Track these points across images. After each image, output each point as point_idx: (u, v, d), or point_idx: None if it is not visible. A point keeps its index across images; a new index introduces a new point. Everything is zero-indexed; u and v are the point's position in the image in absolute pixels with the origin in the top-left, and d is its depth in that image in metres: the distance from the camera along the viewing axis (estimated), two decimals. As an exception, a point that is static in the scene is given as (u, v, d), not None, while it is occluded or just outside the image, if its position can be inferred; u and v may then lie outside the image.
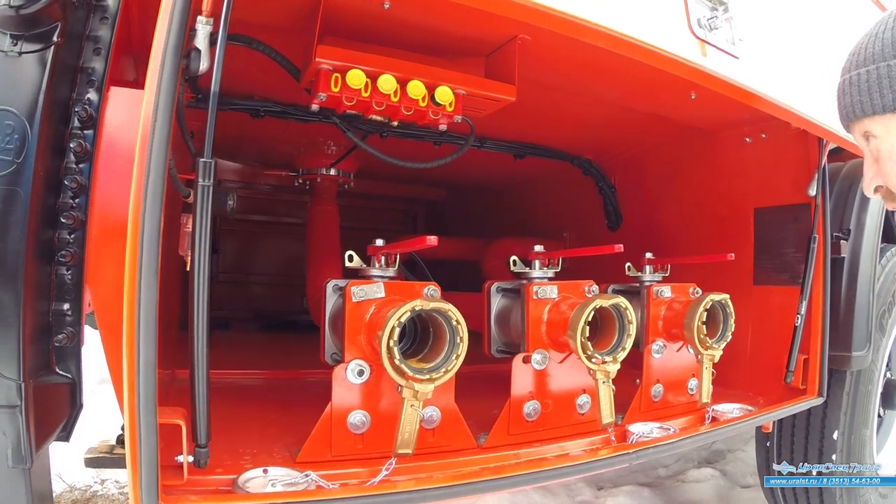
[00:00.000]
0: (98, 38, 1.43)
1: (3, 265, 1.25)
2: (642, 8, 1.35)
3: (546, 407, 1.74)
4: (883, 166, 1.37)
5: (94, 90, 1.41)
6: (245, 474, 1.33)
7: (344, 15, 1.48)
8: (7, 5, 1.25)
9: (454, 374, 1.40)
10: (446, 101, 1.59)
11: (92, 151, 1.41)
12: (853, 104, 1.36)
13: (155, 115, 1.06)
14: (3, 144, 1.28)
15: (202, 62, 1.20)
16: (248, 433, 1.65)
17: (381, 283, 1.51)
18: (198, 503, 1.16)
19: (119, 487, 3.64)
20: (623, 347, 1.64)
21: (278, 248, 4.47)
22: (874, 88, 1.30)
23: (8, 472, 1.30)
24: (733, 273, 2.44)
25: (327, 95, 1.50)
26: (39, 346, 1.36)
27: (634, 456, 1.64)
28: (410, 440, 1.38)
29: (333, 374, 1.46)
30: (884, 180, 1.40)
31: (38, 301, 1.34)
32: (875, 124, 1.35)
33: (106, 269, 1.44)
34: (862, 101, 1.33)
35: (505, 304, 1.88)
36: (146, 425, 1.04)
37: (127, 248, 1.07)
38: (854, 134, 1.44)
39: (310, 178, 3.13)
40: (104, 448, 3.74)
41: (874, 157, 1.39)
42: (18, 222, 1.27)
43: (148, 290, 1.06)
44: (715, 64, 1.45)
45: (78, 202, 1.40)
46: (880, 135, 1.35)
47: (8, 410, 1.26)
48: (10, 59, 1.30)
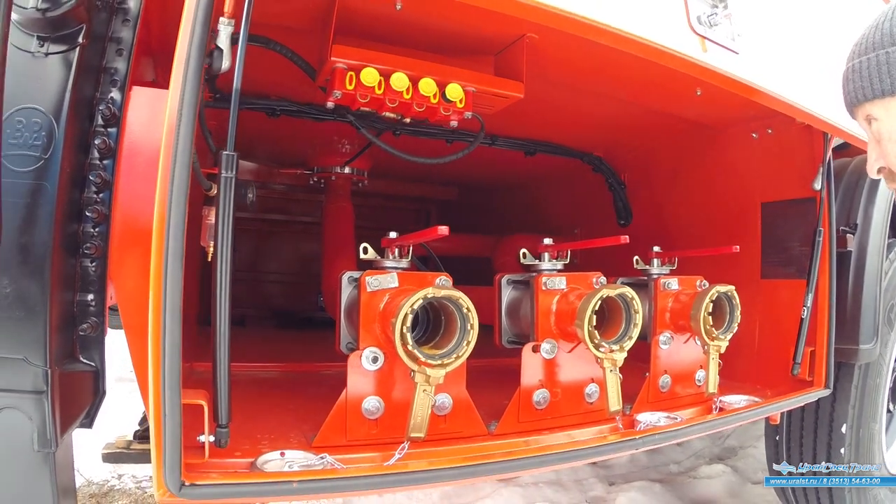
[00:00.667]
0: (120, 40, 1.48)
1: (32, 257, 1.30)
2: (643, 6, 1.38)
3: (555, 396, 1.78)
4: (884, 147, 1.43)
5: (117, 89, 1.46)
6: (263, 456, 1.38)
7: (357, 16, 1.53)
8: (34, 8, 1.30)
9: (465, 360, 1.45)
10: (456, 97, 1.64)
11: (115, 148, 1.46)
12: (855, 90, 1.42)
13: (180, 112, 1.11)
14: (31, 141, 1.32)
15: (224, 61, 1.26)
16: (265, 421, 1.70)
17: (394, 273, 1.56)
18: (218, 480, 1.21)
19: (136, 482, 3.72)
20: (630, 336, 1.68)
21: (293, 247, 4.54)
22: (874, 74, 1.37)
23: (33, 455, 1.34)
24: (741, 267, 2.48)
25: (342, 93, 1.55)
26: (65, 335, 1.40)
27: (640, 442, 1.68)
28: (423, 424, 1.43)
29: (348, 361, 1.51)
30: (885, 161, 1.45)
31: (64, 292, 1.39)
32: (876, 108, 1.41)
33: (129, 261, 1.50)
34: (863, 86, 1.40)
35: (515, 296, 1.93)
36: (171, 403, 1.10)
37: (153, 237, 1.13)
38: (858, 119, 1.50)
39: (324, 177, 3.18)
40: (121, 444, 3.82)
41: (876, 140, 1.45)
42: (46, 216, 1.32)
43: (173, 272, 1.13)
44: (715, 59, 1.48)
45: (102, 197, 1.44)
46: (881, 117, 1.41)
47: (35, 396, 1.31)
48: (38, 60, 1.35)
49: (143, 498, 3.53)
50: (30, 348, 1.30)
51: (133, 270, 1.50)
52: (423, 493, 3.52)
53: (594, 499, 3.59)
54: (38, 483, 1.39)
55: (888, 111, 1.40)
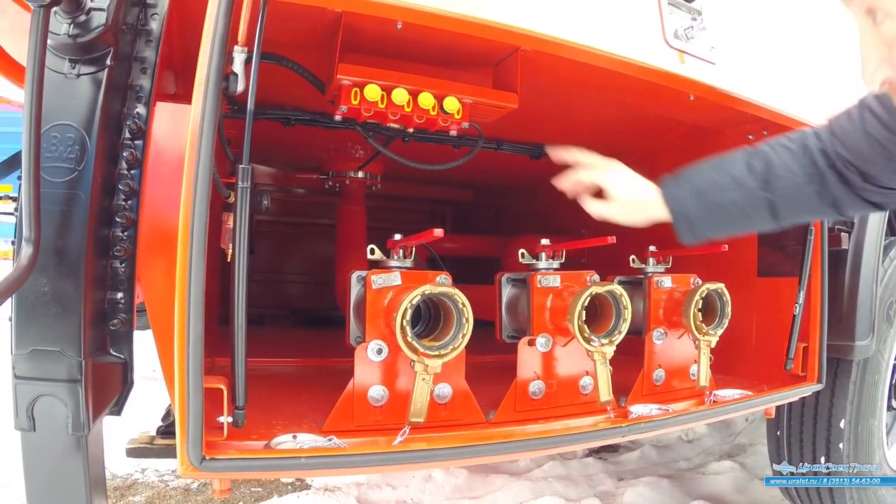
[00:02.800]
0: (144, 59, 1.58)
1: (67, 258, 1.42)
2: (621, 24, 1.48)
3: (550, 387, 1.89)
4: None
5: (143, 105, 1.57)
6: (276, 438, 1.50)
7: (362, 33, 1.64)
8: (66, 35, 1.40)
9: (462, 351, 1.56)
10: (454, 109, 1.76)
11: (141, 159, 1.57)
12: None
13: (201, 130, 1.24)
14: (66, 154, 1.44)
15: (239, 84, 1.39)
16: (279, 410, 1.82)
17: (398, 272, 1.69)
18: (236, 455, 1.33)
19: (158, 476, 3.86)
20: (619, 331, 1.78)
21: (309, 248, 4.65)
22: None
23: (68, 438, 1.46)
24: (738, 265, 2.57)
25: (348, 107, 1.68)
26: (97, 330, 1.51)
27: (626, 430, 1.78)
28: (422, 410, 1.55)
29: (356, 353, 1.63)
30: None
31: (96, 290, 1.51)
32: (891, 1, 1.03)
33: (155, 262, 1.64)
34: None
35: (514, 293, 2.04)
36: (194, 386, 1.23)
37: (179, 238, 1.25)
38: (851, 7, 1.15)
39: (339, 181, 3.30)
40: (145, 439, 3.96)
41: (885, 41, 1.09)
42: (80, 221, 1.43)
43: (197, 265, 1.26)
44: (693, 71, 1.57)
45: (130, 204, 1.56)
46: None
47: (70, 384, 1.42)
48: (70, 81, 1.45)
49: (166, 491, 3.67)
50: (65, 341, 1.42)
51: (158, 270, 1.63)
52: (436, 487, 3.62)
53: (603, 493, 3.66)
54: (71, 463, 1.51)
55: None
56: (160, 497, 3.58)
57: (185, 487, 3.69)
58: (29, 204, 1.30)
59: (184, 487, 3.69)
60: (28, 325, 1.42)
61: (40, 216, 1.33)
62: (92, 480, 1.56)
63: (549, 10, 1.37)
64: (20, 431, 1.48)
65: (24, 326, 1.42)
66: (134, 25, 1.58)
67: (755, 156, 1.67)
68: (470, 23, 1.29)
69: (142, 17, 1.60)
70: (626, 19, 1.50)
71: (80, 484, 1.54)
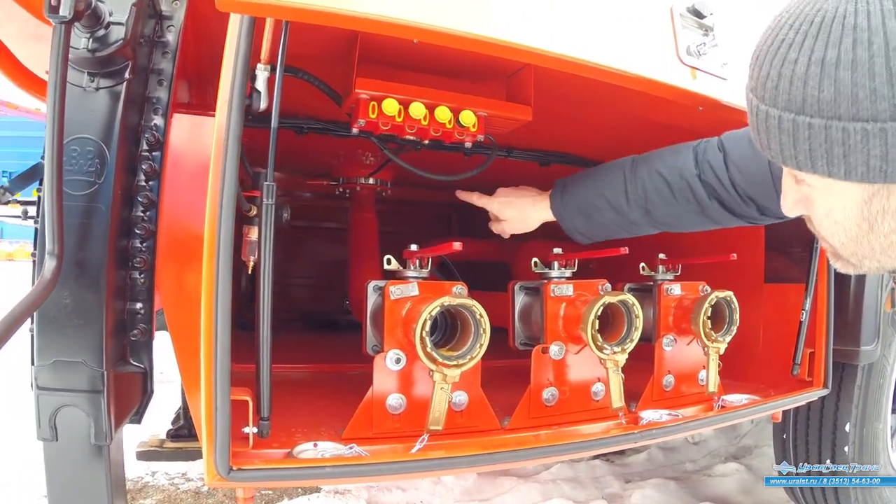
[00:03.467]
0: (161, 71, 1.62)
1: (88, 270, 1.45)
2: (635, 41, 1.50)
3: (563, 394, 1.92)
4: (812, 212, 1.14)
5: (160, 116, 1.61)
6: (298, 447, 1.54)
7: (378, 46, 1.67)
8: (85, 49, 1.42)
9: (479, 361, 1.60)
10: (469, 122, 1.79)
11: (159, 171, 1.61)
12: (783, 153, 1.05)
13: (225, 150, 1.26)
14: (86, 167, 1.47)
15: (262, 102, 1.42)
16: (297, 417, 1.85)
17: (415, 282, 1.72)
18: (262, 465, 1.36)
19: (169, 479, 3.89)
20: (631, 339, 1.81)
21: (319, 252, 4.67)
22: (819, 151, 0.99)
23: (90, 447, 1.49)
24: (745, 271, 2.60)
25: (366, 121, 1.71)
26: (118, 340, 1.55)
27: (638, 436, 1.81)
28: (440, 418, 1.59)
29: (374, 362, 1.66)
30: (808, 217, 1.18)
31: (117, 301, 1.54)
32: (814, 179, 1.06)
33: (173, 272, 1.68)
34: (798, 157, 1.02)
35: (527, 302, 2.07)
36: (221, 398, 1.26)
37: (205, 256, 1.28)
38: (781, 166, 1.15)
39: (349, 187, 3.32)
40: (155, 442, 4.01)
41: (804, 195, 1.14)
42: (100, 234, 1.46)
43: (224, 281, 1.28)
44: (704, 87, 1.60)
45: (149, 215, 1.60)
46: (818, 187, 1.08)
47: (92, 394, 1.45)
48: (89, 94, 1.48)
49: (176, 494, 3.69)
50: (88, 352, 1.45)
51: (177, 280, 1.68)
52: (446, 489, 3.65)
53: (610, 495, 3.69)
54: (93, 472, 1.53)
55: (830, 192, 1.06)
56: (171, 500, 3.61)
57: (195, 490, 3.72)
58: (52, 218, 1.32)
59: (194, 490, 3.72)
60: (50, 337, 1.45)
61: (63, 230, 1.36)
62: (114, 488, 1.59)
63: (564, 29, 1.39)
64: (42, 441, 1.50)
65: (46, 338, 1.45)
66: (150, 37, 1.61)
67: (633, 182, 1.82)
68: (483, 42, 1.31)
69: (158, 29, 1.63)
70: (640, 37, 1.52)
71: (103, 492, 1.56)
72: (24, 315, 1.26)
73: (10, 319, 1.21)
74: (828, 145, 0.97)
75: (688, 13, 1.62)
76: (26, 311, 1.27)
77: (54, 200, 1.32)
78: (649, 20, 1.56)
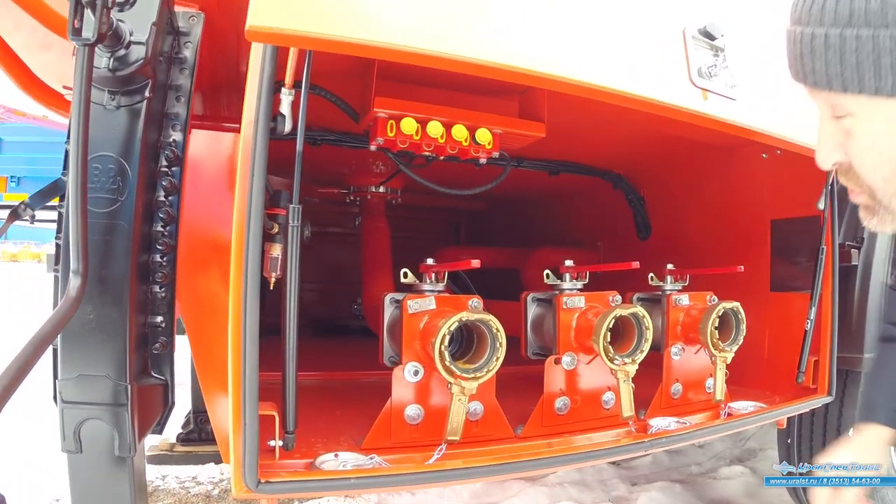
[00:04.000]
0: (179, 87, 1.64)
1: (112, 287, 1.48)
2: (648, 64, 1.53)
3: (575, 402, 1.97)
4: (852, 148, 1.10)
5: (179, 132, 1.63)
6: (320, 458, 1.58)
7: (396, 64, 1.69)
8: (106, 68, 1.44)
9: (495, 373, 1.65)
10: (485, 140, 1.84)
11: (179, 186, 1.63)
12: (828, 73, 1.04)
13: (252, 172, 1.31)
14: (108, 185, 1.48)
15: (287, 125, 1.46)
16: (316, 426, 1.88)
17: (432, 297, 1.77)
18: (289, 478, 1.41)
19: (179, 482, 3.89)
20: (641, 350, 1.86)
21: (328, 257, 4.71)
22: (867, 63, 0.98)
23: (115, 459, 1.52)
24: (752, 280, 2.64)
25: (384, 139, 1.76)
26: (140, 354, 1.58)
27: (648, 444, 1.87)
28: (458, 429, 1.63)
29: (393, 374, 1.71)
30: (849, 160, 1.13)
31: (139, 315, 1.57)
32: (856, 103, 1.04)
33: (193, 285, 1.71)
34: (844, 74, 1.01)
35: (539, 313, 2.11)
36: (250, 415, 1.30)
37: (232, 272, 1.32)
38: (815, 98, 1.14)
39: (360, 196, 3.38)
40: (165, 446, 4.04)
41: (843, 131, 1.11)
42: (123, 251, 1.49)
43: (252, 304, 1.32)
44: (715, 108, 1.62)
45: (169, 230, 1.62)
46: (861, 115, 1.06)
47: (117, 408, 1.48)
48: (109, 112, 1.50)
49: (187, 497, 3.70)
50: (111, 366, 1.48)
51: (197, 292, 1.71)
52: (454, 493, 3.68)
53: (617, 498, 3.72)
54: (117, 482, 1.57)
55: (874, 112, 1.04)
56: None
57: (206, 494, 3.74)
58: (76, 236, 1.34)
59: (205, 494, 3.74)
60: (74, 352, 1.48)
61: (87, 248, 1.38)
62: (137, 499, 1.63)
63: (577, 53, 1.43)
64: (67, 454, 1.53)
65: (70, 353, 1.48)
66: (168, 54, 1.63)
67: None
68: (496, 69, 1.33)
69: (175, 46, 1.66)
70: (653, 60, 1.55)
71: (126, 502, 1.59)
72: (52, 334, 1.29)
73: (38, 339, 1.24)
74: (875, 55, 0.98)
75: (700, 35, 1.66)
76: (53, 329, 1.29)
77: (78, 219, 1.33)
78: (662, 43, 1.59)
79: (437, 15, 1.25)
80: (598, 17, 1.51)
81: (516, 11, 1.36)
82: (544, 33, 1.39)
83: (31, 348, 1.21)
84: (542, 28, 1.39)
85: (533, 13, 1.38)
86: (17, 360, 1.17)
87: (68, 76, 2.73)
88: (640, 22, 1.60)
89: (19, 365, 1.16)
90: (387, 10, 1.21)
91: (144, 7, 1.47)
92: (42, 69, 2.63)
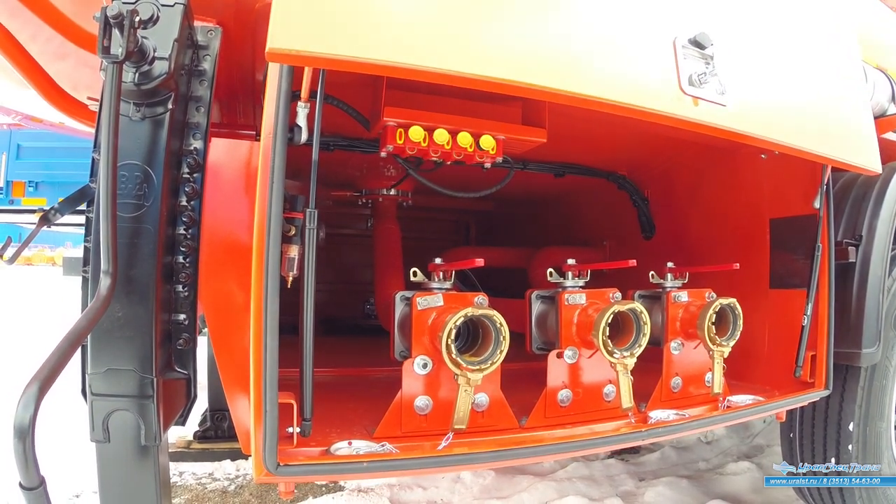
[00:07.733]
0: (199, 98, 1.73)
1: (139, 286, 1.56)
2: (640, 75, 1.61)
3: (577, 395, 2.05)
4: None
5: (199, 140, 1.72)
6: (335, 445, 1.68)
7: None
8: (132, 83, 1.52)
9: (499, 365, 1.73)
10: (489, 146, 1.93)
11: (200, 191, 1.73)
12: None
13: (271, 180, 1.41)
14: (135, 191, 1.57)
15: (303, 135, 1.56)
16: (331, 418, 1.97)
17: (440, 294, 1.86)
18: (305, 462, 1.51)
19: (196, 479, 4.00)
20: (639, 345, 1.95)
21: (340, 258, 4.80)
22: None
23: (141, 448, 1.61)
24: (751, 277, 2.72)
25: (394, 146, 1.85)
26: (165, 350, 1.67)
27: (646, 433, 1.95)
28: (464, 418, 1.73)
29: (403, 367, 1.81)
30: None
31: (164, 313, 1.66)
32: None
33: (214, 285, 1.80)
34: None
35: (543, 309, 2.20)
36: (270, 402, 1.40)
37: (253, 272, 1.43)
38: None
39: (372, 198, 3.48)
40: (182, 444, 4.13)
41: None
42: (149, 252, 1.58)
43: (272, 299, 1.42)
44: (705, 115, 1.68)
45: (191, 233, 1.71)
46: None
47: (143, 399, 1.57)
48: (134, 123, 1.58)
49: (204, 493, 3.80)
50: (138, 361, 1.56)
51: (218, 291, 1.80)
52: (465, 487, 3.77)
53: (624, 493, 3.78)
54: (143, 471, 1.65)
55: None
56: (199, 499, 3.72)
57: (222, 490, 3.84)
58: (107, 240, 1.43)
59: (221, 490, 3.84)
60: (103, 347, 1.56)
61: (117, 251, 1.47)
62: (161, 486, 1.71)
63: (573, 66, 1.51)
64: (95, 443, 1.61)
65: (99, 349, 1.56)
66: (189, 67, 1.73)
67: None
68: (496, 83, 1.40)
69: (195, 59, 1.76)
70: (645, 70, 1.62)
71: (152, 489, 1.68)
72: (86, 329, 1.38)
73: (73, 334, 1.33)
74: None
75: (689, 45, 1.73)
76: (88, 325, 1.38)
77: (109, 223, 1.42)
78: (653, 54, 1.66)
79: (442, 35, 1.35)
80: (592, 30, 1.60)
81: (514, 30, 1.45)
82: (542, 50, 1.47)
83: (66, 343, 1.30)
84: (540, 45, 1.47)
85: (530, 32, 1.47)
86: (56, 353, 1.26)
87: (84, 84, 2.83)
88: (632, 34, 1.67)
89: (58, 357, 1.26)
90: (396, 32, 1.30)
91: (167, 24, 1.56)
92: (58, 78, 2.72)
